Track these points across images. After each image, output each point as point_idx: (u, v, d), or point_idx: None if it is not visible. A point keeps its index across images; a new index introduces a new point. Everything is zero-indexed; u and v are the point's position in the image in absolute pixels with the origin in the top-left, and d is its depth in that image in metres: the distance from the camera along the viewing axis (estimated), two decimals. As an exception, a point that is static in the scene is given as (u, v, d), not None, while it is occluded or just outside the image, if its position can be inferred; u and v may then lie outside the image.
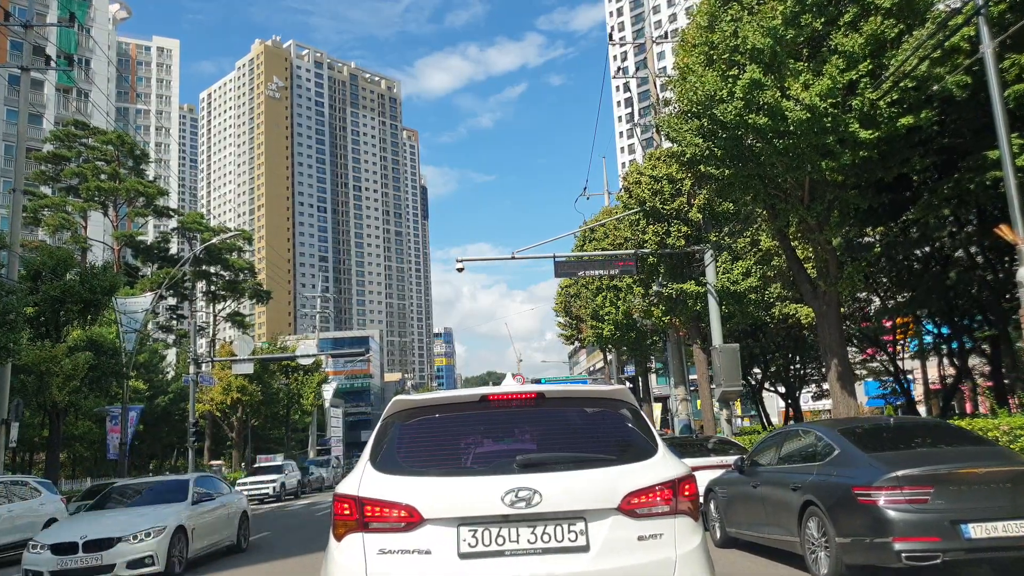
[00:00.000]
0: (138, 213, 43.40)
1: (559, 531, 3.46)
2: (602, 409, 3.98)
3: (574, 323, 34.73)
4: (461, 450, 3.82)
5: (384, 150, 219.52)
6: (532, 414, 3.92)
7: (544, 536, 3.45)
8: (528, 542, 3.45)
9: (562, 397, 4.04)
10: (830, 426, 8.00)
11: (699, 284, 20.17)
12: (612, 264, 20.26)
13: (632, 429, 3.89)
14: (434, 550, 3.41)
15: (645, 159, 21.45)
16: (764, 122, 11.06)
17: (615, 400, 4.03)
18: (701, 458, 12.63)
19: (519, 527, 3.45)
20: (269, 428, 55.03)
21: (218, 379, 38.44)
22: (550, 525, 3.46)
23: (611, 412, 3.97)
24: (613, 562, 3.42)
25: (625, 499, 3.52)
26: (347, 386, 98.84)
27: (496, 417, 3.92)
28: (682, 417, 22.57)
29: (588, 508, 3.48)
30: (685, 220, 20.30)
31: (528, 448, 3.78)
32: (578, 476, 3.54)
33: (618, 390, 4.12)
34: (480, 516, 3.45)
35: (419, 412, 3.94)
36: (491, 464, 3.68)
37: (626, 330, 26.41)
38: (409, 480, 3.56)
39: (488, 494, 3.45)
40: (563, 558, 3.42)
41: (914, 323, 27.05)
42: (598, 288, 26.85)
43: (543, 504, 3.43)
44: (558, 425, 3.91)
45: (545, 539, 3.45)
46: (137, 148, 45.58)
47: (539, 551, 3.43)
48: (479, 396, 3.90)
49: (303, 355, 32.12)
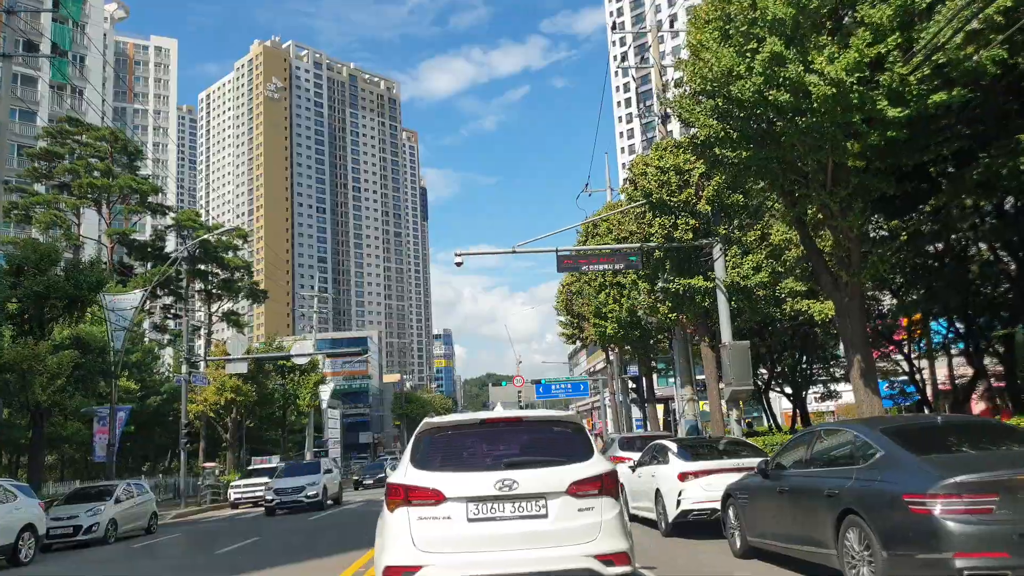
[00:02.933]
0: (131, 210, 42.58)
1: (529, 505, 5.47)
2: (559, 428, 6.06)
3: (576, 322, 33.91)
4: (468, 454, 5.85)
5: (383, 151, 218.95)
6: (514, 431, 6.10)
7: (520, 508, 5.48)
8: (510, 512, 5.47)
9: (533, 420, 6.28)
10: (869, 425, 7.19)
11: (707, 279, 19.38)
12: (617, 258, 19.47)
13: (577, 442, 5.92)
14: (452, 516, 5.45)
15: (651, 150, 20.65)
16: (786, 99, 10.27)
17: (568, 422, 6.13)
18: (714, 461, 11.86)
19: (504, 503, 5.47)
20: (265, 429, 54.21)
21: (212, 379, 37.62)
22: (524, 501, 5.48)
23: (564, 430, 6.01)
24: (562, 524, 5.44)
25: (570, 486, 5.54)
26: (345, 387, 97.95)
27: (490, 433, 6.03)
28: (689, 417, 21.76)
29: (547, 491, 5.50)
30: (693, 212, 19.50)
31: (512, 453, 5.80)
32: (542, 471, 5.59)
33: (570, 415, 6.32)
34: (480, 496, 5.44)
35: (441, 430, 5.97)
36: (487, 463, 5.70)
37: (630, 328, 25.61)
38: (436, 474, 5.58)
39: (485, 482, 5.46)
40: (532, 522, 5.44)
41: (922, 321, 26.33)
42: (601, 285, 26.04)
43: (520, 488, 5.44)
44: (530, 438, 6.06)
45: (521, 510, 5.47)
46: (131, 145, 44.77)
47: (517, 517, 5.46)
48: (480, 420, 6.03)
49: (298, 354, 31.24)
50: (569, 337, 34.75)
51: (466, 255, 19.32)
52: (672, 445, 12.59)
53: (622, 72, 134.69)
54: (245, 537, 16.23)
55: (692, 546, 10.95)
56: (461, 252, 19.25)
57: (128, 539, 19.29)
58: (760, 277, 18.99)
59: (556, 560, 5.39)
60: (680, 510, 11.34)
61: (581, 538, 5.50)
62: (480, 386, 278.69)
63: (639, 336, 25.81)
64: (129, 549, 16.97)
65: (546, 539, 5.46)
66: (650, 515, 12.80)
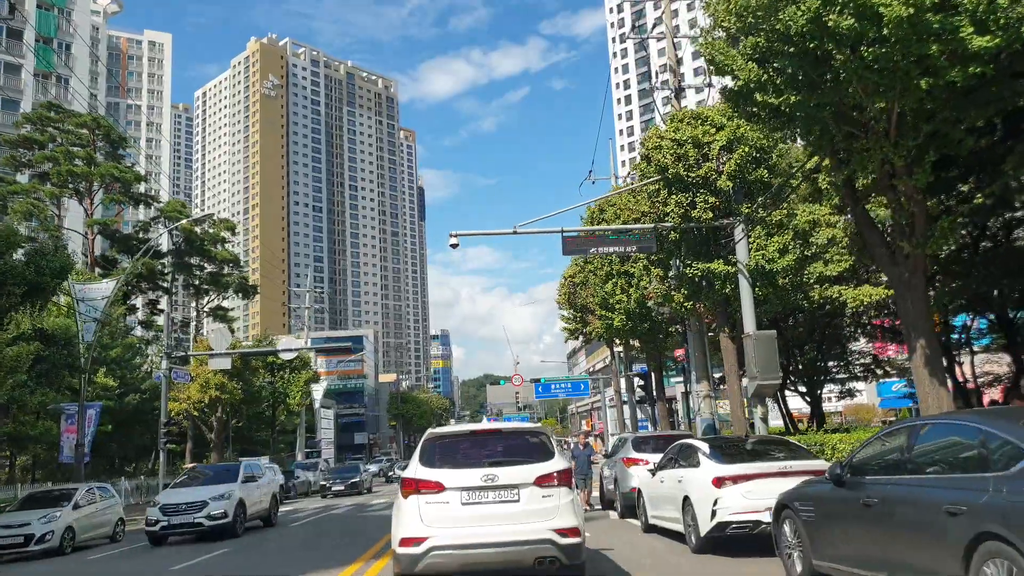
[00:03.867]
0: (113, 199, 40.70)
1: (506, 493, 7.44)
2: (529, 436, 8.22)
3: (579, 316, 32.11)
4: (461, 455, 7.87)
5: (381, 150, 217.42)
6: (495, 438, 8.31)
7: (499, 495, 7.44)
8: (492, 498, 7.43)
9: (510, 430, 8.59)
10: (1007, 418, 5.35)
11: (728, 263, 17.58)
12: (628, 240, 17.65)
13: (542, 446, 7.94)
14: (450, 501, 7.38)
15: (667, 121, 18.84)
16: (849, 24, 8.45)
17: (536, 432, 8.34)
18: (754, 463, 9.99)
19: (488, 491, 7.44)
20: (256, 429, 52.35)
21: (196, 376, 35.73)
22: (502, 490, 7.45)
23: (533, 438, 8.16)
24: (530, 507, 7.38)
25: (536, 479, 7.47)
26: (340, 386, 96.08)
27: (478, 440, 8.19)
28: (705, 416, 19.94)
29: (519, 482, 7.47)
30: (713, 189, 17.69)
31: (494, 455, 7.86)
32: (515, 468, 7.57)
33: (537, 427, 8.74)
34: (470, 486, 7.42)
35: (442, 437, 8.15)
36: (475, 462, 7.68)
37: (639, 320, 23.81)
38: (438, 470, 7.56)
39: (474, 476, 7.46)
40: (508, 505, 7.40)
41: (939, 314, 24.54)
42: (608, 274, 24.23)
43: (499, 480, 7.44)
44: (507, 444, 8.13)
45: (500, 496, 7.43)
46: (114, 132, 42.87)
47: (497, 502, 7.42)
48: (470, 431, 8.35)
49: (284, 349, 29.36)
50: (572, 332, 32.94)
51: (463, 235, 17.47)
52: (702, 445, 10.78)
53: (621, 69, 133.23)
54: (209, 551, 14.36)
55: (733, 567, 9.12)
56: (458, 233, 17.41)
57: (87, 549, 17.45)
58: (787, 260, 17.18)
59: (526, 532, 7.27)
60: (716, 522, 9.51)
61: (544, 517, 7.35)
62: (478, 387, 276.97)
63: (648, 329, 24.00)
64: (83, 561, 15.10)
65: (518, 518, 7.35)
66: (675, 526, 10.98)
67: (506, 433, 8.46)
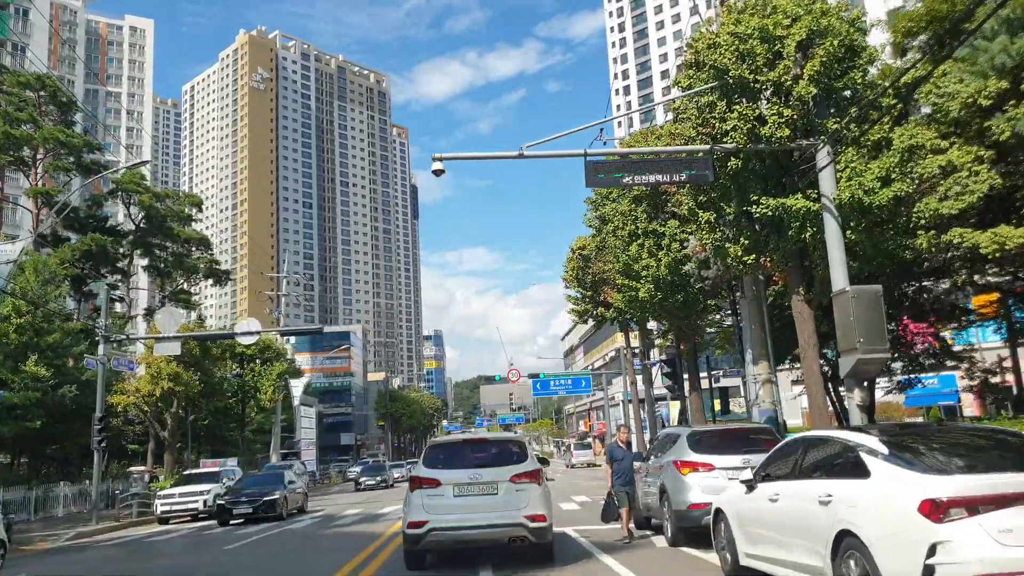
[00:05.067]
0: (59, 167, 35.89)
1: (488, 487, 9.50)
2: (510, 444, 10.40)
3: (589, 295, 27.48)
4: (455, 458, 10.06)
5: (372, 145, 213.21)
6: (483, 445, 10.68)
7: (483, 489, 9.51)
8: (477, 492, 9.51)
9: (494, 439, 10.94)
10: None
11: (808, 199, 13.01)
12: (675, 165, 13.03)
13: (520, 452, 10.05)
14: (444, 494, 9.51)
15: (722, 11, 14.28)
16: None
17: (515, 441, 10.54)
18: (1000, 474, 5.25)
19: (474, 486, 9.52)
20: (228, 428, 47.47)
21: (147, 364, 30.94)
22: (485, 486, 9.51)
23: (512, 446, 10.29)
24: (507, 499, 9.44)
25: (511, 477, 9.54)
26: (326, 384, 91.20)
27: (469, 446, 10.61)
28: (765, 406, 15.35)
29: (498, 480, 9.52)
30: (787, 99, 13.13)
31: (480, 458, 10.04)
32: (495, 469, 9.67)
33: (516, 437, 10.96)
34: (460, 482, 9.51)
35: (440, 444, 10.64)
36: (465, 463, 9.87)
37: (670, 290, 19.23)
38: (436, 470, 9.72)
39: (464, 475, 9.58)
40: (489, 497, 9.45)
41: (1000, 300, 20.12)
42: (632, 234, 19.60)
43: (482, 478, 9.53)
44: (491, 450, 10.32)
45: (483, 491, 9.50)
46: (63, 94, 38.06)
47: (481, 495, 9.49)
48: (463, 440, 11.05)
49: (244, 332, 24.54)
50: (581, 315, 28.25)
51: (448, 159, 12.80)
52: (865, 438, 6.02)
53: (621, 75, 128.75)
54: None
55: None
56: (442, 156, 12.74)
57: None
58: (893, 191, 12.58)
59: (502, 518, 9.44)
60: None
61: (517, 506, 9.48)
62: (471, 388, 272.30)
63: (682, 302, 19.38)
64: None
65: (497, 507, 9.50)
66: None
67: (491, 441, 10.88)
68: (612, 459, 11.67)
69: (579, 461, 56.14)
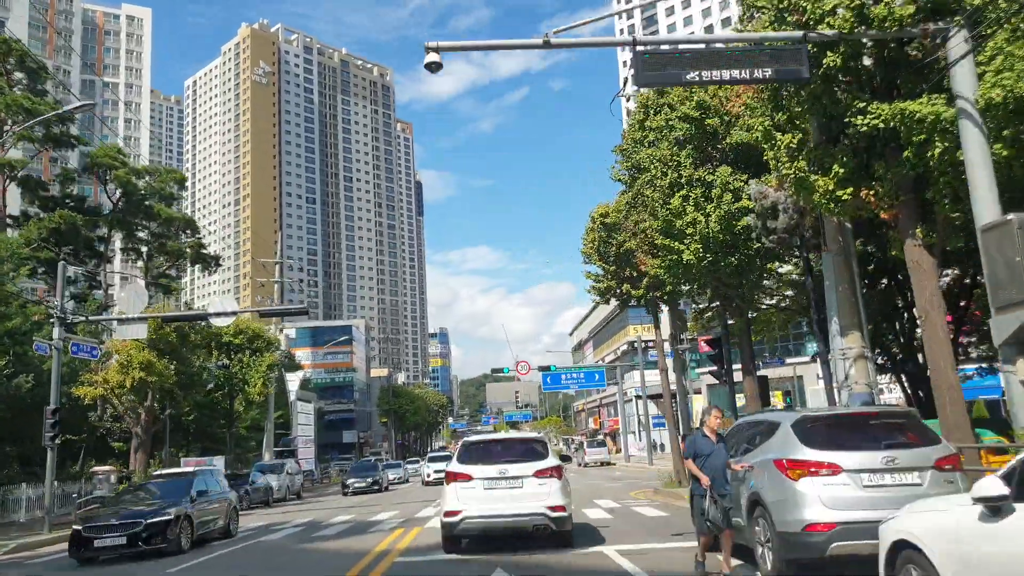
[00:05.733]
0: (24, 137, 32.59)
1: (515, 482, 10.72)
2: (533, 442, 11.79)
3: (612, 270, 23.99)
4: (485, 455, 11.31)
5: (376, 139, 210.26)
6: (509, 443, 11.93)
7: (510, 483, 10.74)
8: (505, 485, 10.75)
9: (518, 438, 12.46)
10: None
11: (934, 104, 9.54)
12: (757, 57, 9.58)
13: (541, 449, 11.42)
14: (476, 487, 10.79)
15: None
16: None
17: (537, 440, 11.99)
18: None
19: (501, 480, 10.77)
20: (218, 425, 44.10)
21: (116, 352, 27.60)
22: (511, 480, 10.75)
23: (535, 444, 11.67)
24: (531, 491, 10.69)
25: (534, 472, 10.78)
26: (327, 380, 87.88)
27: (497, 444, 11.93)
28: (859, 388, 11.85)
29: (523, 475, 10.76)
30: (909, -31, 9.65)
31: (507, 455, 11.24)
32: (520, 464, 10.91)
33: (538, 436, 12.60)
34: (490, 476, 10.80)
35: (472, 443, 11.94)
36: (494, 460, 11.10)
37: (722, 252, 15.76)
38: (468, 466, 11.07)
39: (493, 470, 10.86)
40: (515, 490, 10.70)
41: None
42: (674, 184, 16.11)
43: (509, 473, 10.78)
44: (517, 447, 11.58)
45: (510, 484, 10.73)
46: (30, 59, 34.73)
47: (508, 488, 10.74)
48: (492, 439, 12.47)
49: (218, 313, 21.10)
50: (603, 292, 24.76)
51: (446, 48, 9.32)
52: None
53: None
54: None
55: None
56: (439, 45, 9.26)
57: None
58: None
59: (527, 508, 10.59)
60: None
61: (541, 499, 10.61)
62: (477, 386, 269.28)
63: (735, 266, 15.88)
64: None
65: (523, 499, 10.64)
66: None
67: (516, 440, 12.21)
68: (696, 454, 8.04)
69: (593, 460, 52.61)
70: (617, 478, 36.63)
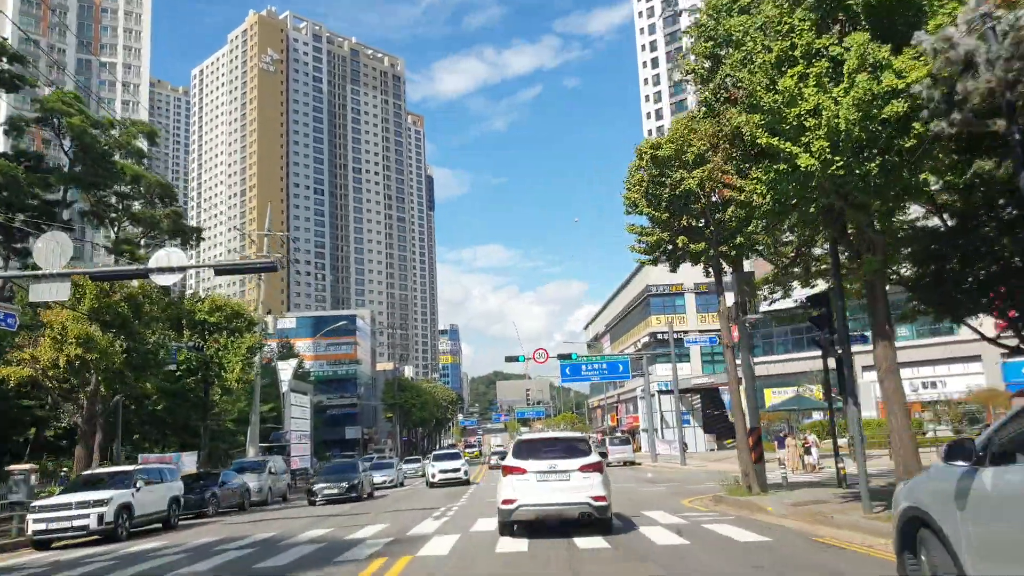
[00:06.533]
0: (-43, 74, 27.64)
1: (563, 475, 12.23)
2: (577, 441, 13.46)
3: (664, 218, 18.61)
4: (537, 451, 12.83)
5: (387, 130, 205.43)
6: (556, 442, 13.46)
7: (559, 476, 12.22)
8: (555, 479, 12.22)
9: (564, 438, 13.96)
10: None
11: None
12: None
13: (585, 447, 12.93)
14: (529, 480, 12.30)
15: None
16: None
17: (581, 439, 13.64)
18: None
19: (552, 474, 12.27)
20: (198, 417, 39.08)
21: (47, 323, 22.54)
22: (560, 474, 12.25)
23: (579, 443, 13.28)
24: (577, 484, 12.16)
25: (580, 467, 12.27)
26: (329, 373, 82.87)
27: (547, 442, 13.46)
28: None
29: (570, 469, 12.26)
30: None
31: (556, 451, 12.79)
32: (568, 460, 12.41)
33: (582, 436, 14.33)
34: (542, 471, 12.33)
35: (526, 441, 13.63)
36: (544, 455, 12.63)
37: (857, 156, 10.41)
38: (523, 461, 12.61)
39: (544, 464, 12.40)
40: (563, 483, 12.18)
41: None
42: (784, 60, 10.59)
43: (558, 468, 12.29)
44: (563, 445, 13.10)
45: (559, 478, 12.21)
46: None
47: (557, 480, 12.22)
48: (542, 438, 14.00)
49: (162, 269, 15.79)
50: (652, 248, 19.27)
51: None
52: None
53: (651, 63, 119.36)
54: None
55: None
56: None
57: None
58: None
59: (574, 498, 11.99)
60: None
61: (585, 490, 11.98)
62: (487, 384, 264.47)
63: (877, 172, 10.50)
64: None
65: (570, 491, 12.03)
66: None
67: (563, 439, 13.72)
68: None
69: (616, 459, 47.23)
70: (651, 480, 31.32)
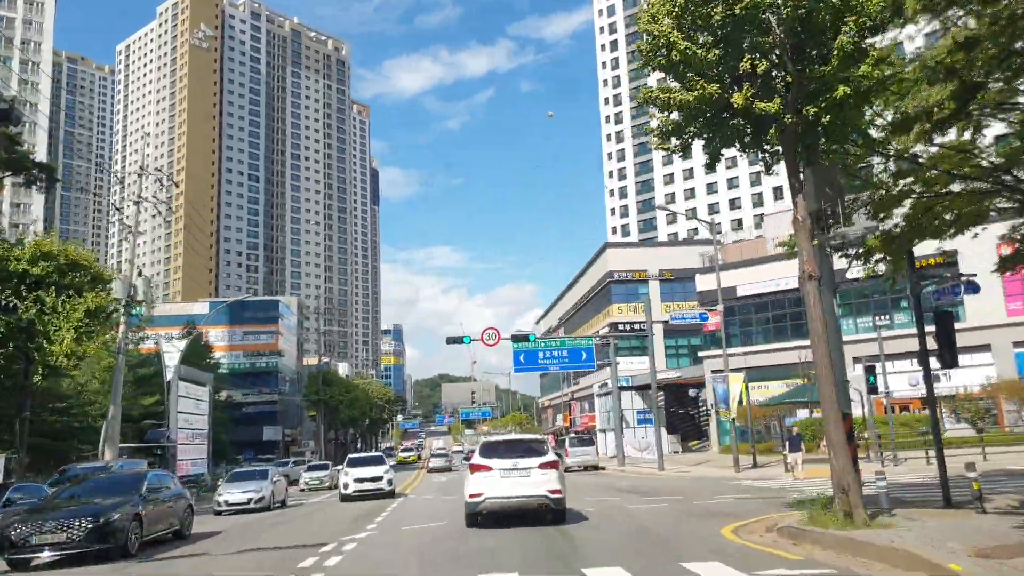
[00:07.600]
0: None
1: (524, 472, 14.46)
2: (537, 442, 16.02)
3: (716, 58, 10.77)
4: (500, 451, 15.23)
5: (329, 117, 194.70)
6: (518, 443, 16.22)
7: (520, 473, 14.46)
8: (516, 475, 14.44)
9: (525, 439, 16.81)
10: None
11: None
12: None
13: (543, 447, 15.47)
14: (494, 476, 14.50)
15: None
16: None
17: (541, 440, 16.55)
18: None
19: (514, 471, 14.50)
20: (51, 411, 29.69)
21: None
22: (521, 471, 14.50)
23: (538, 444, 15.83)
24: (536, 479, 14.39)
25: (539, 465, 14.53)
26: (247, 365, 72.97)
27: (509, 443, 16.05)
28: None
29: (530, 467, 14.50)
30: None
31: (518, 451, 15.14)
32: (528, 459, 14.71)
33: (541, 437, 17.75)
34: (505, 468, 14.56)
35: (492, 443, 16.05)
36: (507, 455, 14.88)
37: None
38: (489, 459, 14.86)
39: (507, 463, 14.66)
40: (524, 478, 14.42)
41: None
42: None
43: (520, 466, 14.55)
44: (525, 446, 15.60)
45: (520, 474, 14.45)
46: None
47: (519, 477, 14.46)
48: (506, 440, 17.00)
49: None
50: (688, 121, 11.23)
51: None
52: None
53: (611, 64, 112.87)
54: None
55: None
56: None
57: None
58: None
59: (533, 491, 14.02)
60: None
61: (544, 484, 14.04)
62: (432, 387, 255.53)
63: None
64: None
65: (530, 485, 14.01)
66: None
67: (525, 441, 16.05)
68: None
69: (576, 463, 39.36)
70: (634, 491, 23.45)
